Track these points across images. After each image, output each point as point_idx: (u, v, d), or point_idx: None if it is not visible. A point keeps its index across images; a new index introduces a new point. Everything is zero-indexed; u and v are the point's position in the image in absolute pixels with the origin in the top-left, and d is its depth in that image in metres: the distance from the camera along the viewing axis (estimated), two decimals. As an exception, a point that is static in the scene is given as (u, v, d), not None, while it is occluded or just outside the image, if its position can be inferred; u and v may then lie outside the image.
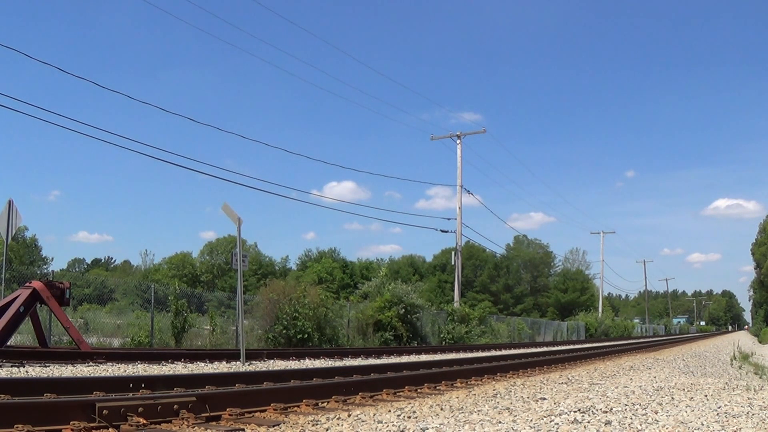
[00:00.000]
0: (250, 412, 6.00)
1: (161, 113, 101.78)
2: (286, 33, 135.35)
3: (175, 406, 5.47)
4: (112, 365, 10.98)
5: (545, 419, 5.83)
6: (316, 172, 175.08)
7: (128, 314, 21.66)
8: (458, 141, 35.53)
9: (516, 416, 6.07)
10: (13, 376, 8.47)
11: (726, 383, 10.17)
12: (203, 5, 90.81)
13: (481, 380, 10.27)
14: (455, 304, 33.57)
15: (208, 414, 5.67)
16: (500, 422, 5.65)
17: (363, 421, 5.67)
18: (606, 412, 6.32)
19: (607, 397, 7.78)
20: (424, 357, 17.39)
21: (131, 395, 6.19)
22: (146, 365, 11.30)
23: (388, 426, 5.41)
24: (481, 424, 5.52)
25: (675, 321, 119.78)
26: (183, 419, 5.39)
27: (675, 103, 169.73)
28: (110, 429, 4.93)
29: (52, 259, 65.26)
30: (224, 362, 12.61)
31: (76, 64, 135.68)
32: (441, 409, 6.59)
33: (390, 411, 6.36)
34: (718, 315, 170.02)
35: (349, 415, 5.98)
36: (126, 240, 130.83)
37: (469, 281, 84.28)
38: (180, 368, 11.05)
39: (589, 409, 6.52)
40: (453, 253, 35.37)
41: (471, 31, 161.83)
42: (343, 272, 75.67)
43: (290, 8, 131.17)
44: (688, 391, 8.69)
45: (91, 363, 11.13)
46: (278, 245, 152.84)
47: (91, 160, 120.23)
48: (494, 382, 10.11)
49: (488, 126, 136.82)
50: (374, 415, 6.01)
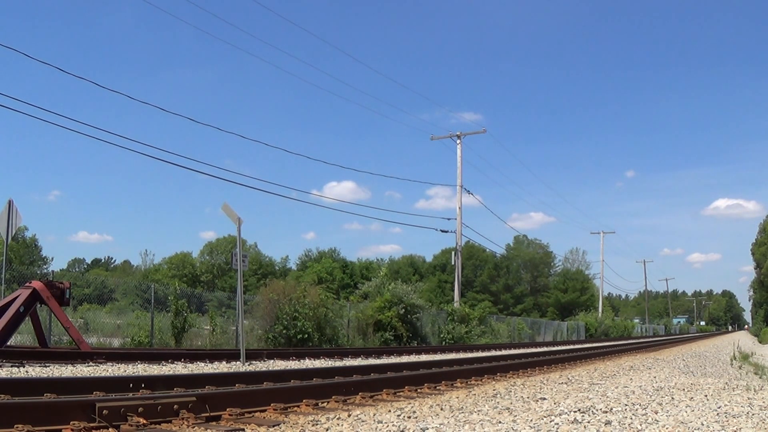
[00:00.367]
0: (250, 412, 6.00)
1: (161, 113, 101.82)
2: (286, 33, 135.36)
3: (175, 406, 5.47)
4: (112, 365, 10.98)
5: (545, 419, 5.83)
6: (316, 172, 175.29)
7: (128, 314, 21.65)
8: (458, 141, 35.54)
9: (516, 416, 6.07)
10: (13, 376, 8.47)
11: (726, 383, 10.17)
12: (203, 5, 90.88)
13: (481, 380, 10.27)
14: (455, 304, 33.57)
15: (208, 414, 5.67)
16: (500, 422, 5.65)
17: (363, 421, 5.67)
18: (606, 412, 6.32)
19: (607, 397, 7.78)
20: (424, 357, 17.40)
21: (131, 395, 6.19)
22: (146, 365, 11.30)
23: (388, 426, 5.41)
24: (481, 424, 5.52)
25: (675, 321, 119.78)
26: (183, 419, 5.39)
27: (675, 103, 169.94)
28: (110, 429, 4.93)
29: (52, 259, 65.33)
30: (224, 362, 12.61)
31: (76, 64, 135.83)
32: (441, 409, 6.59)
33: (390, 411, 6.36)
34: (718, 315, 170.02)
35: (349, 415, 5.98)
36: (126, 240, 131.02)
37: (469, 281, 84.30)
38: (180, 368, 11.05)
39: (589, 409, 6.52)
40: (453, 253, 35.37)
41: (471, 31, 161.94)
42: (343, 272, 75.68)
43: (290, 8, 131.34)
44: (688, 391, 8.69)
45: (91, 363, 11.13)
46: (278, 245, 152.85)
47: (91, 160, 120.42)
48: (494, 382, 10.11)
49: (488, 126, 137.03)
50: (374, 415, 6.01)
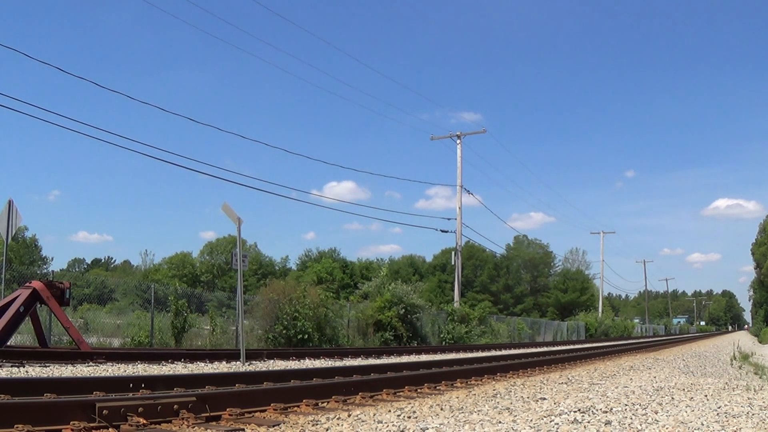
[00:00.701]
0: (250, 412, 6.00)
1: (161, 113, 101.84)
2: (286, 33, 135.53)
3: (175, 406, 5.47)
4: (112, 365, 10.98)
5: (545, 419, 5.83)
6: (316, 172, 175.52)
7: (128, 314, 21.65)
8: (458, 141, 35.53)
9: (516, 416, 6.07)
10: (13, 376, 8.47)
11: (726, 383, 10.17)
12: (203, 5, 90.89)
13: (481, 380, 10.27)
14: (455, 304, 33.57)
15: (208, 414, 5.67)
16: (500, 422, 5.65)
17: (363, 421, 5.67)
18: (606, 412, 6.32)
19: (607, 397, 7.78)
20: (424, 357, 17.40)
21: (131, 395, 6.19)
22: (146, 365, 11.30)
23: (388, 426, 5.41)
24: (481, 424, 5.52)
25: (675, 321, 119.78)
26: (183, 419, 5.39)
27: (675, 103, 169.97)
28: (110, 429, 4.93)
29: (52, 259, 65.33)
30: (224, 362, 12.61)
31: (76, 64, 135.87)
32: (441, 409, 6.59)
33: (390, 411, 6.36)
34: (718, 315, 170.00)
35: (349, 415, 5.98)
36: (126, 240, 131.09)
37: (469, 281, 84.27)
38: (180, 368, 11.05)
39: (589, 409, 6.52)
40: (453, 253, 35.36)
41: (471, 31, 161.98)
42: (343, 272, 75.63)
43: (290, 8, 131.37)
44: (688, 391, 8.69)
45: (91, 363, 11.13)
46: (278, 245, 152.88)
47: (91, 160, 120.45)
48: (494, 382, 10.11)
49: (488, 126, 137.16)
50: (374, 415, 6.01)
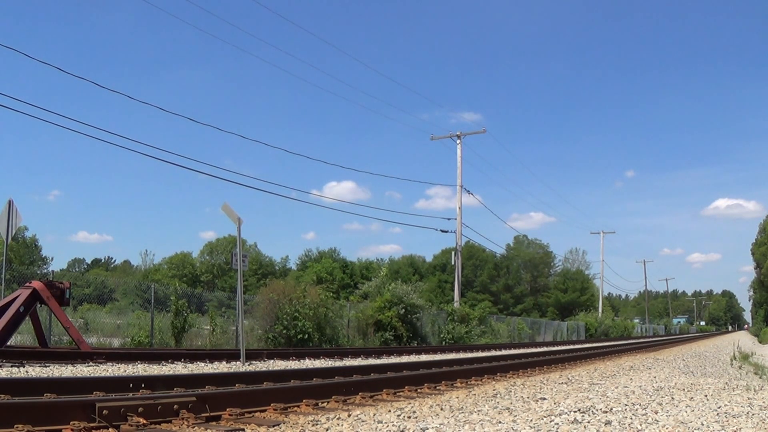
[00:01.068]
0: (250, 412, 6.00)
1: (161, 113, 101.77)
2: (286, 33, 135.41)
3: (175, 406, 5.47)
4: (112, 365, 10.98)
5: (545, 419, 5.83)
6: (316, 172, 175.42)
7: (128, 314, 21.64)
8: (458, 141, 35.54)
9: (516, 416, 6.07)
10: (13, 376, 8.47)
11: (726, 383, 10.17)
12: (203, 5, 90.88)
13: (481, 380, 10.27)
14: (455, 304, 33.58)
15: (208, 414, 5.67)
16: (500, 422, 5.65)
17: (363, 421, 5.67)
18: (606, 412, 6.32)
19: (607, 397, 7.78)
20: (424, 357, 17.40)
21: (131, 395, 6.19)
22: (146, 365, 11.30)
23: (388, 426, 5.41)
24: (481, 424, 5.52)
25: (675, 321, 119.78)
26: (183, 419, 5.39)
27: (675, 103, 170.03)
28: (110, 429, 4.93)
29: (52, 259, 65.37)
30: (224, 362, 12.61)
31: (76, 64, 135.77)
32: (441, 409, 6.59)
33: (390, 411, 6.36)
34: (718, 315, 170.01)
35: (349, 415, 5.98)
36: (126, 240, 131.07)
37: (469, 281, 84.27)
38: (180, 368, 11.05)
39: (589, 409, 6.52)
40: (453, 253, 35.37)
41: (471, 31, 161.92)
42: (343, 272, 75.62)
43: (290, 8, 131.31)
44: (688, 391, 8.69)
45: (91, 363, 11.13)
46: (278, 245, 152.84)
47: (91, 160, 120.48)
48: (494, 382, 10.11)
49: (488, 126, 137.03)
50: (374, 415, 6.01)
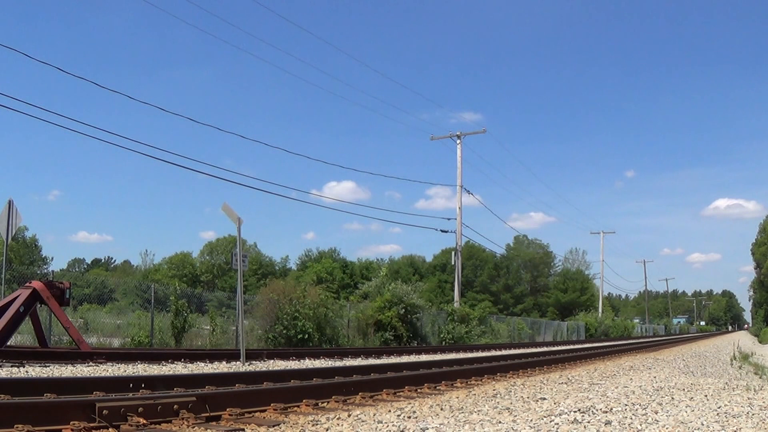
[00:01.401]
0: (250, 412, 6.00)
1: (161, 113, 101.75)
2: (286, 33, 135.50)
3: (175, 406, 5.47)
4: (112, 365, 10.98)
5: (545, 419, 5.83)
6: (316, 172, 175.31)
7: (128, 314, 21.65)
8: (458, 141, 35.53)
9: (516, 416, 6.07)
10: (13, 376, 8.47)
11: (726, 383, 10.17)
12: (203, 5, 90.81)
13: (481, 380, 10.27)
14: (455, 304, 33.57)
15: (208, 414, 5.67)
16: (500, 422, 5.65)
17: (363, 421, 5.67)
18: (606, 412, 6.32)
19: (607, 397, 7.78)
20: (424, 357, 17.39)
21: (131, 395, 6.18)
22: (146, 365, 11.30)
23: (388, 426, 5.41)
24: (481, 424, 5.52)
25: (675, 321, 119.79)
26: (183, 419, 5.39)
27: (675, 103, 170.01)
28: (110, 429, 4.93)
29: (52, 259, 65.29)
30: (224, 362, 12.61)
31: (76, 64, 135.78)
32: (441, 409, 6.59)
33: (390, 411, 6.36)
34: (718, 315, 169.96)
35: (349, 415, 5.98)
36: (126, 240, 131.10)
37: (469, 281, 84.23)
38: (180, 368, 11.05)
39: (589, 409, 6.52)
40: (453, 253, 35.36)
41: (471, 31, 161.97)
42: (343, 272, 75.64)
43: (290, 8, 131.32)
44: (688, 391, 8.69)
45: (91, 363, 11.13)
46: (278, 245, 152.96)
47: (91, 160, 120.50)
48: (494, 382, 10.11)
49: (488, 126, 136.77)
50: (374, 415, 6.01)
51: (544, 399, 7.64)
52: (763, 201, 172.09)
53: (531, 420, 5.78)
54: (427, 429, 5.28)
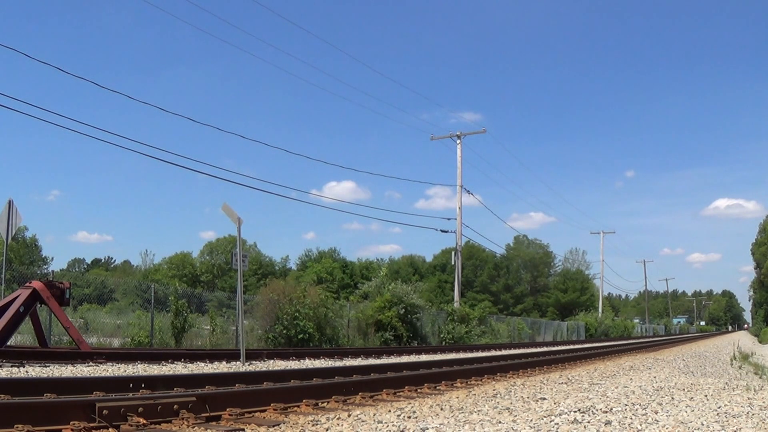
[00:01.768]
0: (250, 412, 6.00)
1: (161, 113, 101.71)
2: (286, 33, 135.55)
3: (175, 406, 5.47)
4: (112, 365, 10.98)
5: (545, 419, 5.83)
6: (316, 172, 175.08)
7: (128, 314, 21.65)
8: (458, 141, 35.53)
9: (516, 416, 6.07)
10: (13, 376, 8.47)
11: (726, 383, 10.17)
12: (203, 5, 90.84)
13: (481, 380, 10.27)
14: (455, 304, 33.57)
15: (208, 414, 5.67)
16: (500, 422, 5.65)
17: (363, 421, 5.67)
18: (606, 412, 6.32)
19: (607, 397, 7.78)
20: (424, 357, 17.40)
21: (131, 395, 6.19)
22: (146, 365, 11.30)
23: (388, 426, 5.41)
24: (481, 424, 5.52)
25: (675, 321, 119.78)
26: (183, 419, 5.39)
27: (675, 103, 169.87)
28: (110, 429, 4.93)
29: (52, 259, 65.18)
30: (224, 362, 12.61)
31: (76, 64, 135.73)
32: (441, 409, 6.59)
33: (390, 411, 6.36)
34: (718, 315, 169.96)
35: (349, 415, 5.98)
36: (126, 240, 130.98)
37: (469, 281, 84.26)
38: (180, 368, 11.05)
39: (589, 409, 6.52)
40: (453, 253, 35.37)
41: (471, 31, 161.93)
42: (343, 272, 75.65)
43: (290, 8, 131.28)
44: (688, 391, 8.69)
45: (91, 363, 11.13)
46: (278, 245, 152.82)
47: (91, 160, 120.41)
48: (494, 382, 10.11)
49: (488, 126, 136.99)
50: (374, 415, 6.01)
51: (544, 399, 7.64)
52: (763, 201, 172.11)
53: (531, 420, 5.78)
54: (427, 429, 5.28)
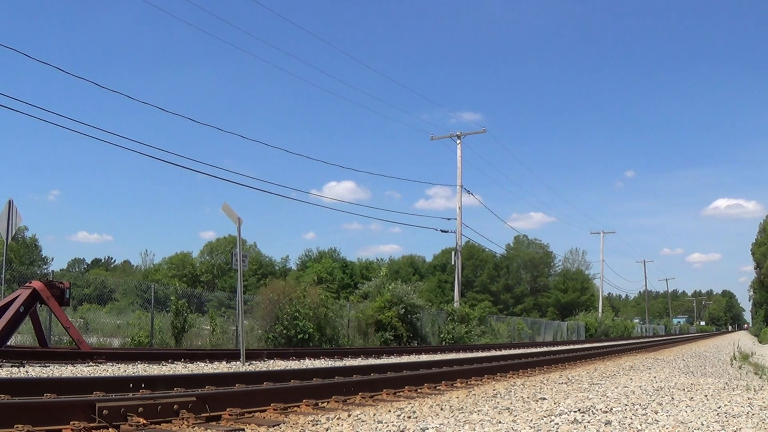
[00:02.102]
0: (250, 412, 6.00)
1: (161, 113, 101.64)
2: (286, 33, 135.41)
3: (175, 406, 5.47)
4: (112, 365, 10.98)
5: (545, 419, 5.83)
6: (316, 172, 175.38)
7: (128, 314, 21.65)
8: (458, 141, 35.53)
9: (516, 416, 6.07)
10: (13, 376, 8.47)
11: (726, 383, 10.17)
12: (203, 5, 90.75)
13: (481, 380, 10.27)
14: (455, 304, 33.57)
15: (208, 414, 5.67)
16: (500, 422, 5.65)
17: (363, 421, 5.67)
18: (606, 412, 6.32)
19: (607, 397, 7.78)
20: (424, 357, 17.39)
21: (131, 395, 6.19)
22: (146, 365, 11.30)
23: (388, 426, 5.41)
24: (481, 424, 5.52)
25: (675, 321, 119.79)
26: (183, 419, 5.39)
27: (675, 103, 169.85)
28: (110, 429, 4.93)
29: (52, 259, 65.26)
30: (224, 362, 12.61)
31: (76, 64, 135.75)
32: (441, 409, 6.59)
33: (390, 411, 6.36)
34: (718, 315, 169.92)
35: (349, 415, 5.98)
36: (126, 240, 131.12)
37: (469, 281, 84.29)
38: (180, 368, 11.05)
39: (589, 409, 6.52)
40: (453, 253, 35.36)
41: (471, 31, 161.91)
42: (343, 272, 75.67)
43: (290, 8, 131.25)
44: (688, 391, 8.69)
45: (91, 363, 11.13)
46: (278, 245, 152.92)
47: (91, 160, 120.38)
48: (494, 382, 10.11)
49: (488, 126, 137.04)
50: (374, 415, 6.01)
51: (544, 399, 7.64)
52: (763, 201, 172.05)
53: (531, 420, 5.78)
54: (427, 429, 5.28)
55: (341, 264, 78.67)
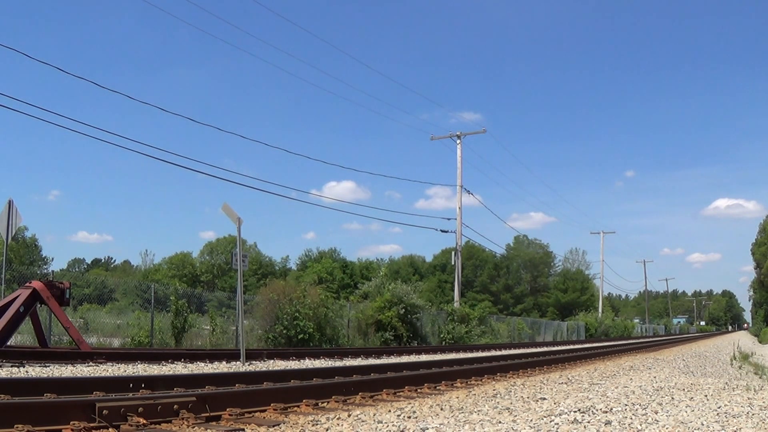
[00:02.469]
0: (250, 412, 6.00)
1: (161, 113, 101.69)
2: (286, 33, 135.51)
3: (175, 406, 5.47)
4: (112, 365, 10.98)
5: (545, 419, 5.83)
6: (316, 172, 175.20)
7: (128, 314, 21.64)
8: (458, 141, 35.53)
9: (516, 416, 6.07)
10: (13, 376, 8.47)
11: (726, 383, 10.17)
12: (203, 5, 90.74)
13: (481, 380, 10.27)
14: (455, 304, 33.57)
15: (208, 414, 5.67)
16: (500, 422, 5.65)
17: (363, 421, 5.67)
18: (606, 412, 6.32)
19: (607, 397, 7.78)
20: (424, 357, 17.39)
21: (131, 395, 6.18)
22: (146, 365, 11.30)
23: (388, 426, 5.41)
24: (481, 424, 5.52)
25: (675, 321, 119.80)
26: (183, 419, 5.39)
27: (675, 103, 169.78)
28: (110, 429, 4.93)
29: (52, 259, 65.30)
30: (224, 362, 12.61)
31: (76, 64, 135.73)
32: (441, 409, 6.59)
33: (390, 411, 6.36)
34: (718, 315, 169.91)
35: (349, 415, 5.98)
36: (126, 240, 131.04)
37: (469, 281, 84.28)
38: (180, 368, 11.05)
39: (589, 409, 6.52)
40: (453, 253, 35.36)
41: (471, 31, 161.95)
42: (343, 272, 75.66)
43: (290, 8, 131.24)
44: (688, 391, 8.69)
45: (91, 363, 11.13)
46: (278, 245, 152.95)
47: (91, 160, 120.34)
48: (494, 382, 10.11)
49: (488, 126, 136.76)
50: (374, 415, 6.01)
51: (544, 399, 7.64)
52: (763, 201, 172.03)
53: (531, 420, 5.78)
54: (427, 429, 5.28)
55: (341, 264, 78.67)
